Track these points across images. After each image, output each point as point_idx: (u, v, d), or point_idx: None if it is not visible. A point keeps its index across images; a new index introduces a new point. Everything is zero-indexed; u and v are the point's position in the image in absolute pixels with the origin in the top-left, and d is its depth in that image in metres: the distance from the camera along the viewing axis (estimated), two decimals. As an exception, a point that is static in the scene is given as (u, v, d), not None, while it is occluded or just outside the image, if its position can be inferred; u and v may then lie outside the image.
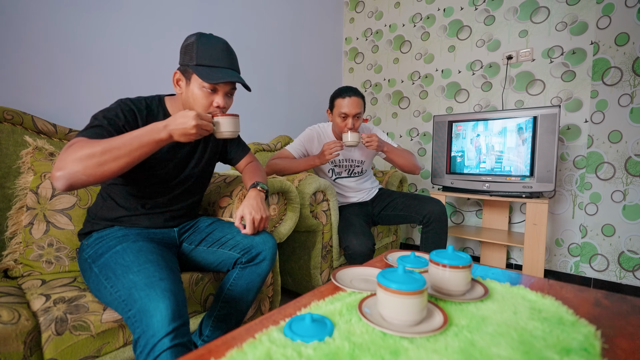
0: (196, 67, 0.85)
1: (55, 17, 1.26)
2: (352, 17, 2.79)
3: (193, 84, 0.87)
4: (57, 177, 0.66)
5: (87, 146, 0.69)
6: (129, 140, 0.72)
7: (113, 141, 0.71)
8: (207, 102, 0.88)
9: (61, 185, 0.67)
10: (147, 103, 0.92)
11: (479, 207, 2.22)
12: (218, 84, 0.87)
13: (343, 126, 1.49)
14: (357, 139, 1.42)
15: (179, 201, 1.00)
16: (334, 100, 1.51)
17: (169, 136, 0.75)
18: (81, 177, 0.67)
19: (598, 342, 0.47)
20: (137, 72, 1.52)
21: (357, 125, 1.50)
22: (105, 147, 0.69)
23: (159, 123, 0.75)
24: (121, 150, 0.70)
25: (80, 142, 0.70)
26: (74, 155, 0.67)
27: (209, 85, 0.86)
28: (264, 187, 1.02)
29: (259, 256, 0.95)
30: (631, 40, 1.69)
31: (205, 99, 0.88)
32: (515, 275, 0.77)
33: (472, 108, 2.23)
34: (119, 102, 0.87)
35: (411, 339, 0.47)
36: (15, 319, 0.65)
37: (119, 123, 0.82)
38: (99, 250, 0.80)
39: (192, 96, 0.88)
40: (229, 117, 0.87)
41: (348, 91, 1.47)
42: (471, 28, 2.20)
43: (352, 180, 1.65)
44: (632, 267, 1.74)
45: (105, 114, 0.82)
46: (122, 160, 0.70)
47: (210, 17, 1.81)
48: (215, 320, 0.94)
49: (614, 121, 1.75)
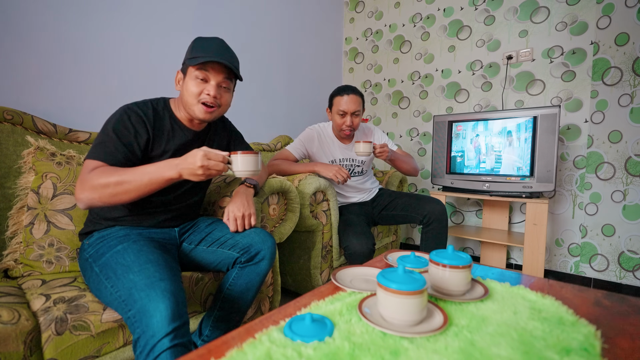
0: (190, 59, 0.88)
1: (56, 18, 1.26)
2: (352, 17, 2.79)
3: (187, 76, 0.90)
4: (79, 199, 0.77)
5: (104, 175, 0.76)
6: (140, 175, 0.76)
7: (126, 174, 0.76)
8: (197, 90, 0.89)
9: (82, 206, 0.79)
10: (153, 106, 0.92)
11: (479, 207, 2.22)
12: (209, 73, 0.89)
13: (341, 124, 1.50)
14: (369, 149, 1.41)
15: (180, 201, 1.00)
16: (333, 99, 1.53)
17: (178, 175, 0.77)
18: (97, 202, 0.77)
19: (598, 342, 0.47)
20: (137, 72, 1.52)
21: (355, 123, 1.50)
22: (119, 179, 0.76)
23: (173, 160, 0.78)
24: (132, 185, 0.76)
25: (99, 171, 0.77)
26: (92, 182, 0.76)
27: (200, 74, 0.88)
28: (251, 183, 1.04)
29: (258, 255, 0.95)
30: (631, 40, 1.69)
31: (196, 87, 0.89)
32: (515, 275, 0.77)
33: (472, 108, 2.23)
34: (126, 109, 0.87)
35: (411, 339, 0.47)
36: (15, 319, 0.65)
37: (129, 137, 0.84)
38: (100, 250, 0.80)
39: (186, 88, 0.90)
40: (245, 155, 0.79)
41: (346, 89, 1.49)
42: (471, 28, 2.20)
43: (353, 180, 1.65)
44: (632, 267, 1.74)
45: (115, 127, 0.83)
46: (133, 193, 0.77)
47: (210, 17, 1.81)
48: (215, 320, 0.94)
49: (614, 121, 1.75)
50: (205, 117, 0.92)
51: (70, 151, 1.10)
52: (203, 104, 0.90)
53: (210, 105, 0.91)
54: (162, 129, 0.92)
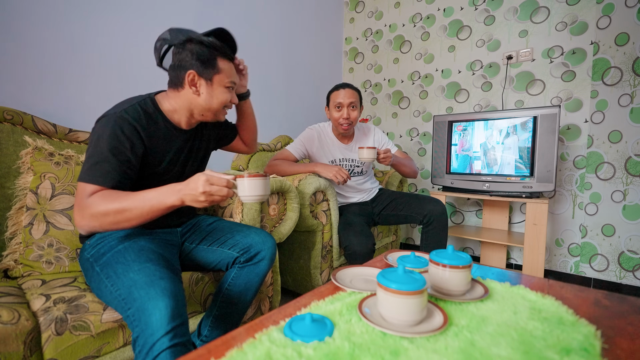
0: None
1: (56, 18, 1.25)
2: (352, 17, 2.79)
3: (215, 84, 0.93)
4: (80, 226, 0.76)
5: (104, 202, 0.73)
6: (141, 202, 0.74)
7: (127, 201, 0.74)
8: (227, 98, 0.93)
9: (83, 232, 0.80)
10: (143, 110, 0.87)
11: (479, 207, 2.22)
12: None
13: (339, 117, 1.51)
14: (373, 155, 1.38)
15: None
16: (330, 95, 1.57)
17: (180, 202, 0.74)
18: (99, 229, 0.75)
19: (598, 342, 0.47)
20: (137, 73, 1.51)
21: (353, 116, 1.51)
22: (119, 207, 0.73)
23: (175, 185, 0.75)
24: (133, 213, 0.74)
25: (98, 196, 0.74)
26: (91, 210, 0.73)
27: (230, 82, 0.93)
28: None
29: (258, 256, 0.95)
30: (631, 40, 1.69)
31: (226, 96, 0.93)
32: (515, 275, 0.77)
33: (472, 108, 2.23)
34: (117, 120, 0.80)
35: (411, 339, 0.47)
36: (15, 319, 0.65)
37: (125, 152, 0.80)
38: (101, 249, 0.80)
39: (214, 95, 0.93)
40: (252, 179, 0.74)
41: (342, 85, 1.53)
42: (471, 28, 2.20)
43: (353, 180, 1.65)
44: (632, 267, 1.74)
45: (109, 145, 0.78)
46: (134, 221, 0.75)
47: (210, 16, 1.81)
48: (214, 320, 0.94)
49: (614, 121, 1.75)
50: (223, 119, 1.02)
51: (68, 151, 1.10)
52: (225, 107, 0.95)
53: None
54: (156, 135, 0.88)
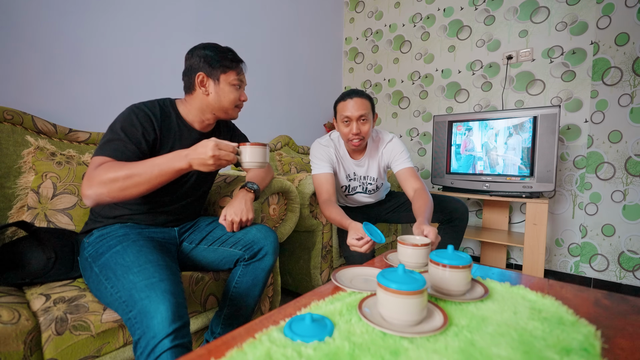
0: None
1: (56, 18, 1.26)
2: (352, 17, 2.79)
3: (222, 83, 0.95)
4: (86, 196, 0.74)
5: (112, 170, 0.74)
6: (150, 167, 0.75)
7: (135, 167, 0.75)
8: (236, 96, 0.96)
9: (89, 203, 0.76)
10: (160, 106, 0.93)
11: (479, 207, 2.22)
12: (243, 78, 1.00)
13: (347, 132, 1.29)
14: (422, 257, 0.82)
15: (181, 200, 1.00)
16: (336, 106, 1.34)
17: (188, 165, 0.76)
18: (106, 198, 0.75)
19: (598, 342, 0.47)
20: (137, 73, 1.52)
21: (363, 130, 1.28)
22: (128, 172, 0.74)
23: (182, 151, 0.77)
24: (142, 177, 0.74)
25: (106, 166, 0.75)
26: (100, 177, 0.73)
27: (236, 80, 0.96)
28: (251, 188, 1.03)
29: (261, 251, 0.96)
30: (631, 40, 1.69)
31: (234, 93, 0.96)
32: (515, 275, 0.77)
33: (472, 108, 2.23)
34: (133, 109, 0.88)
35: (411, 339, 0.47)
36: (15, 318, 0.65)
37: (136, 134, 0.84)
38: (100, 249, 0.80)
39: (222, 94, 0.95)
40: (254, 147, 0.82)
41: (350, 93, 1.29)
42: (471, 28, 2.20)
43: (366, 196, 1.53)
44: (632, 267, 1.74)
45: (123, 125, 0.83)
46: (143, 186, 0.75)
47: (211, 17, 1.81)
48: (225, 318, 0.96)
49: (614, 121, 1.75)
50: (236, 117, 1.03)
51: (70, 151, 1.10)
52: (236, 106, 0.98)
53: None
54: (169, 129, 0.93)
